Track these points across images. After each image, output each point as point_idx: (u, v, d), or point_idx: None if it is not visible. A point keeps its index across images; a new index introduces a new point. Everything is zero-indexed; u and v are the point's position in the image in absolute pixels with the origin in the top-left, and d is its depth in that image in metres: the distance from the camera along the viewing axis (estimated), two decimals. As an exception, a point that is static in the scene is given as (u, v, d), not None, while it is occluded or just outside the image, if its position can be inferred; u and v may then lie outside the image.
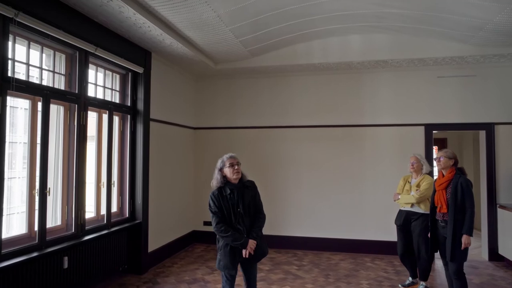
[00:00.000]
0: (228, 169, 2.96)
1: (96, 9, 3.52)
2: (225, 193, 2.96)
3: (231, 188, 2.97)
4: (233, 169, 2.95)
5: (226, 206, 2.94)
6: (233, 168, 2.95)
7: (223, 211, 2.94)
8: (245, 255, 2.89)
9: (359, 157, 5.86)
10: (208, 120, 6.52)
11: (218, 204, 2.94)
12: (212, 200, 2.97)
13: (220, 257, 2.98)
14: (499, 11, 3.84)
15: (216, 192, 2.98)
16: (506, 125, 5.39)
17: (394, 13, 4.44)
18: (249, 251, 2.88)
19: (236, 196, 2.96)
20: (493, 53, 4.95)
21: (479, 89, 5.49)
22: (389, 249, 5.57)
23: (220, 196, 2.96)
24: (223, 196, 2.96)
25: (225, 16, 4.10)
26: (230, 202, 2.94)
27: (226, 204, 2.94)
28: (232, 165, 2.96)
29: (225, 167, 2.98)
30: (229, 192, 2.96)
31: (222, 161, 3.02)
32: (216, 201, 2.95)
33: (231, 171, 2.95)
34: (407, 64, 5.48)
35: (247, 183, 3.07)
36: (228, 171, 2.96)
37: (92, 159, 4.26)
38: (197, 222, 6.46)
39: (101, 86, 4.41)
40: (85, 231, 3.92)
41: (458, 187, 3.44)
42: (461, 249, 3.39)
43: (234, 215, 2.93)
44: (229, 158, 3.00)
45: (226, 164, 2.98)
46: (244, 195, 2.99)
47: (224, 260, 2.94)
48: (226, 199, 2.95)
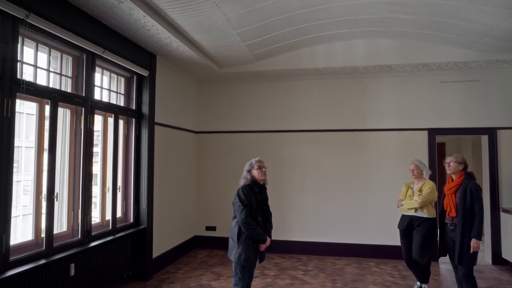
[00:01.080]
0: (257, 171, 3.27)
1: (106, 11, 3.47)
2: (256, 190, 3.25)
3: (259, 187, 3.30)
4: (261, 171, 3.27)
5: (254, 203, 3.18)
6: (261, 170, 3.28)
7: (252, 205, 3.17)
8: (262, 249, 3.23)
9: (363, 162, 5.86)
10: (210, 124, 6.48)
11: (249, 198, 3.16)
12: (244, 194, 3.17)
13: (241, 251, 3.12)
14: (506, 17, 3.89)
15: (247, 188, 3.22)
16: (508, 130, 5.45)
17: (401, 18, 4.47)
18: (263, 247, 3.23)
19: (262, 195, 3.30)
20: (496, 59, 5.01)
21: (481, 94, 5.54)
22: (394, 254, 5.57)
23: (251, 192, 3.21)
24: (254, 192, 3.23)
25: (234, 19, 4.08)
26: (259, 199, 3.24)
27: (255, 200, 3.20)
28: (260, 167, 3.28)
29: (253, 169, 3.28)
30: (258, 191, 3.27)
31: (251, 164, 3.32)
32: (248, 195, 3.17)
33: (259, 173, 3.26)
34: (411, 69, 5.52)
35: (265, 187, 3.43)
36: (257, 172, 3.26)
37: (98, 164, 4.19)
38: (199, 227, 6.39)
39: (107, 89, 4.35)
40: (92, 237, 3.84)
41: (467, 191, 3.46)
42: (469, 252, 3.40)
43: (260, 212, 3.23)
44: (257, 162, 3.31)
45: (254, 167, 3.29)
46: (265, 197, 3.38)
47: (246, 253, 3.11)
48: (256, 196, 3.23)
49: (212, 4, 3.63)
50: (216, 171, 6.40)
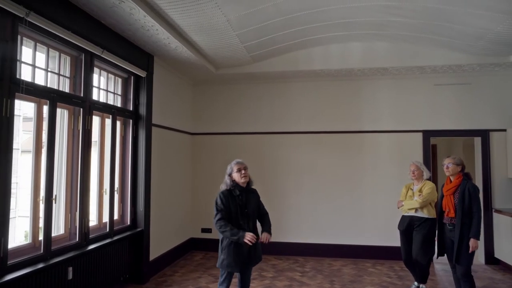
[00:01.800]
0: (237, 174, 3.18)
1: (106, 10, 3.43)
2: (235, 193, 3.16)
3: (239, 190, 3.18)
4: (241, 174, 3.16)
5: (234, 206, 3.12)
6: (241, 172, 3.17)
7: (230, 210, 3.11)
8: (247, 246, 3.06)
9: (359, 163, 5.91)
10: (206, 126, 6.44)
11: (226, 203, 3.11)
12: (220, 198, 3.13)
13: (224, 256, 3.12)
14: (501, 21, 3.98)
15: (226, 192, 3.16)
16: (500, 132, 5.56)
17: (397, 21, 4.53)
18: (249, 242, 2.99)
19: (244, 198, 3.19)
20: (489, 62, 5.11)
21: (474, 97, 5.65)
22: (389, 254, 5.64)
23: (229, 195, 3.15)
24: (232, 196, 3.15)
25: (234, 20, 4.07)
26: (239, 203, 3.14)
27: (235, 204, 3.13)
28: (239, 170, 3.18)
29: (233, 172, 3.20)
30: (238, 194, 3.17)
31: (231, 167, 3.24)
32: (225, 200, 3.11)
33: (239, 175, 3.17)
34: (406, 72, 5.59)
35: (252, 189, 3.34)
36: (237, 175, 3.18)
37: (95, 165, 4.12)
38: (194, 229, 6.34)
39: (104, 90, 4.29)
40: (89, 240, 3.77)
41: (465, 192, 3.52)
42: (468, 252, 3.46)
43: (241, 215, 3.13)
44: (236, 164, 3.22)
45: (234, 169, 3.20)
46: (250, 199, 3.24)
47: (228, 259, 3.09)
48: (235, 200, 3.15)
49: (214, 5, 3.62)
50: (212, 172, 6.36)
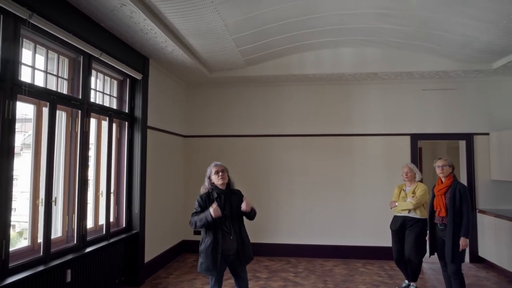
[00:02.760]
0: (214, 176, 3.21)
1: (107, 13, 3.45)
2: (213, 196, 3.19)
3: (218, 193, 3.21)
4: (218, 176, 3.19)
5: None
6: (218, 174, 3.19)
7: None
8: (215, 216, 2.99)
9: (349, 166, 6.05)
10: (199, 128, 6.48)
11: (204, 205, 3.15)
12: (198, 202, 3.19)
13: (201, 260, 3.13)
14: (487, 30, 4.18)
15: (204, 195, 3.22)
16: (483, 136, 5.80)
17: (388, 28, 4.69)
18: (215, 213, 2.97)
19: (223, 201, 3.18)
20: (473, 69, 5.34)
21: (459, 101, 5.88)
22: (379, 254, 5.79)
23: (207, 198, 3.18)
24: (210, 199, 3.18)
25: (231, 25, 4.15)
26: (218, 205, 3.08)
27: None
28: (217, 172, 3.21)
29: (212, 175, 3.24)
30: (216, 196, 3.19)
31: (210, 170, 3.28)
32: (202, 203, 3.17)
33: (216, 177, 3.20)
34: (395, 77, 5.77)
35: (234, 190, 3.34)
36: (214, 177, 3.21)
37: (91, 167, 4.11)
38: (187, 231, 6.33)
39: (100, 92, 4.29)
40: (87, 242, 3.76)
41: (456, 192, 3.68)
42: (459, 250, 3.61)
43: (220, 218, 3.08)
44: (214, 166, 3.27)
45: (212, 172, 3.24)
46: (231, 200, 3.23)
47: (206, 263, 3.09)
48: (213, 202, 3.12)
49: (213, 10, 3.68)
50: (204, 175, 6.36)
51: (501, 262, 5.10)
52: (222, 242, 3.09)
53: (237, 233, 3.19)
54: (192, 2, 3.48)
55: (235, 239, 3.15)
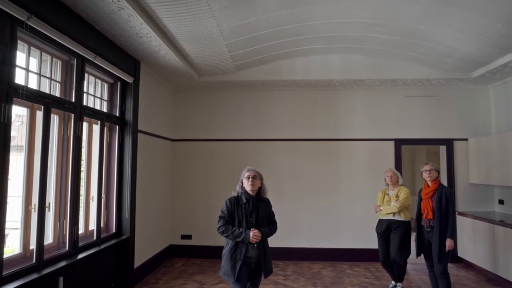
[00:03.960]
0: (245, 181, 3.19)
1: (104, 16, 3.41)
2: (241, 201, 3.16)
3: (247, 198, 3.17)
4: (248, 181, 3.16)
5: (239, 214, 3.12)
6: (248, 180, 3.17)
7: (235, 217, 3.12)
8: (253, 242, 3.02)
9: (336, 170, 6.19)
10: (187, 132, 6.46)
11: (232, 209, 3.13)
12: (226, 204, 3.15)
13: (222, 263, 3.13)
14: (469, 42, 4.41)
15: (233, 199, 3.18)
16: (462, 141, 6.08)
17: (376, 37, 4.85)
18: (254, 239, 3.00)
19: (250, 207, 3.14)
20: (454, 77, 5.60)
21: (440, 108, 6.14)
22: (365, 256, 5.94)
23: (236, 202, 3.15)
24: (238, 204, 3.15)
25: (226, 31, 4.19)
26: (245, 211, 3.12)
27: (240, 212, 3.13)
28: (248, 177, 3.18)
29: (243, 179, 3.22)
30: (245, 201, 3.15)
31: (243, 173, 3.26)
32: (231, 206, 3.13)
33: (246, 182, 3.18)
34: (380, 84, 5.97)
35: (264, 198, 3.29)
36: (245, 182, 3.19)
37: (82, 172, 4.03)
38: (174, 236, 6.30)
39: (92, 95, 4.21)
40: (79, 248, 3.68)
41: (442, 196, 3.86)
42: (445, 251, 3.78)
43: (246, 224, 3.09)
44: (247, 171, 3.24)
45: (244, 176, 3.22)
46: (259, 208, 3.18)
47: (225, 267, 3.08)
48: (241, 207, 3.14)
49: (210, 16, 3.71)
50: (192, 179, 6.38)
51: (479, 262, 5.35)
52: (245, 249, 3.04)
53: (260, 242, 3.09)
54: (191, 8, 3.50)
55: (257, 248, 3.08)
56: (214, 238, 6.20)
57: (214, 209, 6.26)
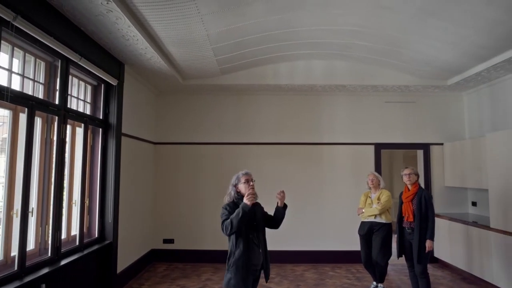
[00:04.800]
0: (243, 185, 2.92)
1: (91, 18, 3.36)
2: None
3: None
4: (248, 185, 2.90)
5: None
6: (248, 184, 2.91)
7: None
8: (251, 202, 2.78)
9: (318, 173, 6.30)
10: (170, 135, 6.41)
11: (232, 212, 2.83)
12: (226, 209, 2.85)
13: (231, 275, 2.76)
14: (448, 51, 4.62)
15: (231, 203, 2.90)
16: (438, 146, 6.33)
17: (358, 44, 4.99)
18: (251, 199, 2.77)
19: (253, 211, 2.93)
20: (431, 84, 5.83)
21: (418, 114, 6.37)
22: (346, 258, 6.07)
23: (235, 207, 2.85)
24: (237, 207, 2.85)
25: (213, 35, 4.21)
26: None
27: None
28: (247, 181, 2.93)
29: (240, 183, 2.95)
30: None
31: (237, 178, 2.99)
32: (231, 209, 2.84)
33: (246, 187, 2.90)
34: (361, 89, 6.13)
35: (256, 202, 3.04)
36: (243, 187, 2.92)
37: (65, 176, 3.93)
38: (156, 240, 6.22)
39: (75, 97, 4.12)
40: (61, 254, 3.59)
41: (422, 199, 4.01)
42: (425, 252, 3.93)
43: (250, 228, 2.88)
44: (244, 175, 2.97)
45: (241, 180, 2.95)
46: (256, 212, 2.98)
47: (235, 278, 2.73)
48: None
49: (199, 20, 3.72)
50: (175, 182, 6.33)
51: (454, 262, 5.57)
52: (253, 256, 2.81)
53: (263, 246, 2.93)
54: (180, 12, 3.50)
55: (262, 253, 2.90)
56: (198, 242, 6.20)
57: (197, 213, 6.24)
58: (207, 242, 6.17)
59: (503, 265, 4.50)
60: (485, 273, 4.84)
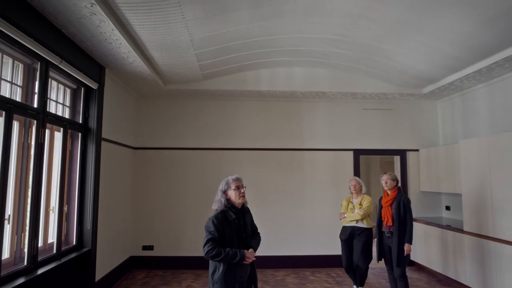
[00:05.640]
0: (234, 192, 2.75)
1: (73, 21, 3.30)
2: (230, 218, 2.72)
3: (235, 212, 2.75)
4: (239, 192, 2.75)
5: (229, 232, 2.68)
6: (239, 191, 2.76)
7: (225, 237, 2.65)
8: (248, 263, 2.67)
9: (299, 178, 6.37)
10: (150, 140, 6.33)
11: (221, 228, 2.64)
12: (213, 223, 2.63)
13: None
14: (421, 61, 4.81)
15: (220, 216, 2.69)
16: (414, 152, 6.55)
17: (338, 52, 5.12)
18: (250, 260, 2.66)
19: (241, 221, 2.78)
20: (407, 92, 6.04)
21: (395, 121, 6.58)
22: (326, 262, 6.15)
23: (224, 220, 2.68)
24: (227, 221, 2.70)
25: (197, 40, 4.21)
26: (235, 227, 2.72)
27: (230, 229, 2.69)
28: (238, 187, 2.76)
29: (229, 190, 2.76)
30: (234, 217, 2.73)
31: (227, 183, 2.79)
32: (219, 225, 2.64)
33: (236, 194, 2.74)
34: (341, 96, 6.27)
35: (246, 208, 2.93)
36: (233, 194, 2.75)
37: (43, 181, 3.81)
38: (135, 247, 6.10)
39: (54, 101, 4.02)
40: (38, 263, 3.47)
41: (401, 204, 4.13)
42: (404, 255, 4.05)
43: (239, 241, 2.70)
44: (234, 181, 2.78)
45: (231, 187, 2.76)
46: (246, 220, 2.83)
47: None
48: (230, 224, 2.70)
49: (183, 25, 3.73)
50: (155, 188, 6.24)
51: (430, 264, 5.75)
52: (240, 268, 2.65)
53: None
54: (165, 17, 3.49)
55: (249, 264, 2.74)
56: (177, 248, 6.13)
57: (177, 219, 6.17)
58: (188, 248, 6.11)
59: (476, 266, 4.69)
60: (459, 275, 5.02)
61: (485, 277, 4.53)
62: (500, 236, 4.33)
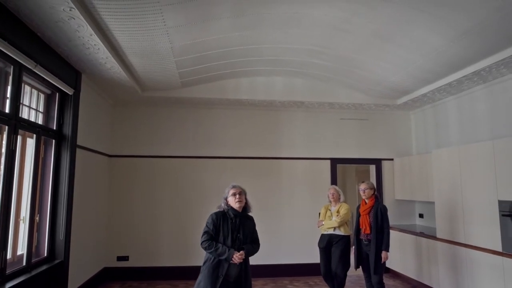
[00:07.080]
0: (231, 198, 3.12)
1: (50, 25, 3.21)
2: (229, 216, 3.09)
3: (234, 214, 3.11)
4: (235, 198, 3.10)
5: (225, 229, 3.04)
6: (235, 197, 3.10)
7: (220, 232, 3.02)
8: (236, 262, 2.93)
9: (277, 187, 6.40)
10: (126, 148, 6.19)
11: (218, 224, 3.04)
12: (212, 219, 3.06)
13: (201, 278, 2.96)
14: (396, 72, 4.98)
15: (220, 213, 3.11)
16: (389, 161, 6.73)
17: (316, 63, 5.23)
18: (237, 260, 2.93)
19: (238, 222, 3.10)
20: (382, 103, 6.22)
21: (370, 130, 6.75)
22: (304, 271, 6.17)
23: (222, 217, 3.08)
24: (225, 218, 3.08)
25: (177, 48, 4.19)
26: (231, 226, 3.06)
27: (227, 227, 3.05)
28: (234, 194, 3.11)
29: (229, 196, 3.14)
30: (232, 217, 3.09)
31: (227, 191, 3.18)
32: (217, 220, 3.05)
33: (233, 199, 3.10)
34: (318, 106, 6.38)
35: (249, 215, 3.27)
36: (231, 199, 3.12)
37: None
38: (109, 258, 5.91)
39: (27, 106, 3.87)
40: (6, 276, 3.29)
41: (378, 212, 4.22)
42: (381, 262, 4.13)
43: (232, 240, 3.01)
44: (232, 188, 3.17)
45: (229, 193, 3.14)
46: (245, 225, 3.15)
47: (204, 282, 2.91)
48: (228, 222, 3.07)
49: (164, 32, 3.71)
50: (131, 197, 6.10)
51: (405, 271, 5.89)
52: (227, 266, 2.94)
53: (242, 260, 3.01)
54: (145, 24, 3.46)
55: (239, 266, 2.99)
56: (154, 258, 5.99)
57: (153, 228, 6.04)
58: (164, 258, 5.98)
59: (449, 272, 4.84)
60: (433, 280, 5.16)
61: (457, 283, 4.67)
62: (471, 242, 4.50)
